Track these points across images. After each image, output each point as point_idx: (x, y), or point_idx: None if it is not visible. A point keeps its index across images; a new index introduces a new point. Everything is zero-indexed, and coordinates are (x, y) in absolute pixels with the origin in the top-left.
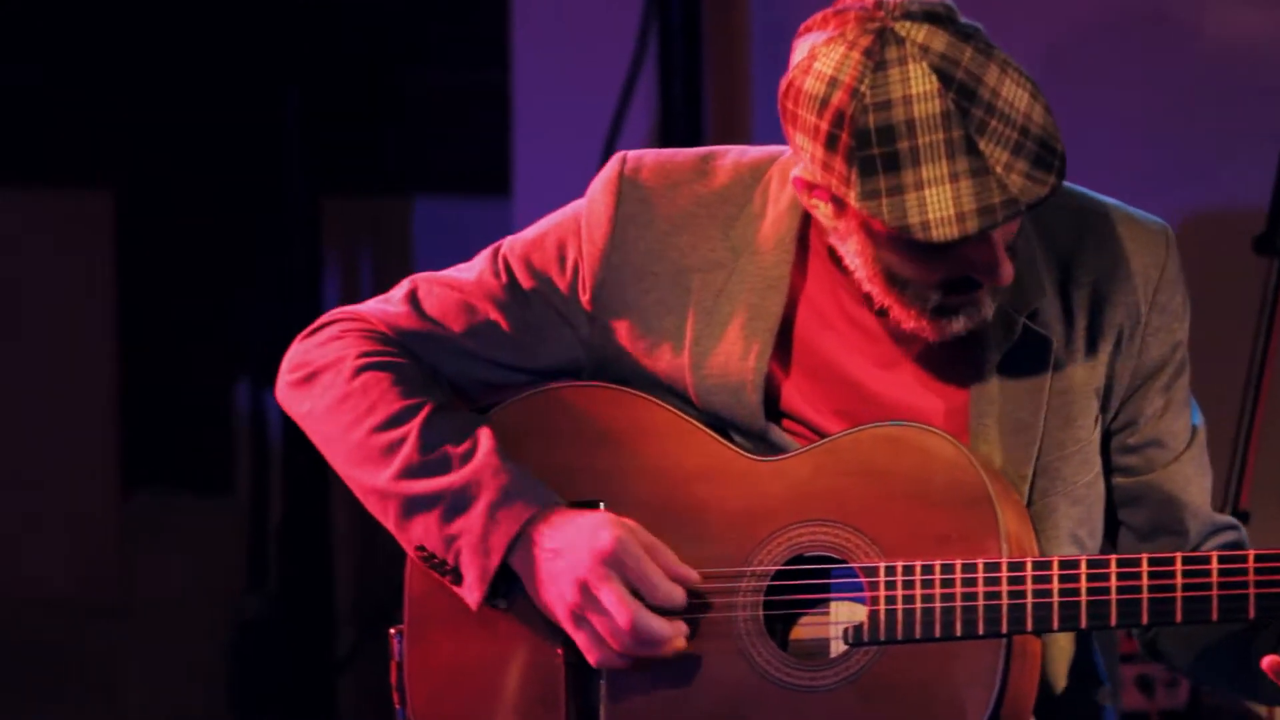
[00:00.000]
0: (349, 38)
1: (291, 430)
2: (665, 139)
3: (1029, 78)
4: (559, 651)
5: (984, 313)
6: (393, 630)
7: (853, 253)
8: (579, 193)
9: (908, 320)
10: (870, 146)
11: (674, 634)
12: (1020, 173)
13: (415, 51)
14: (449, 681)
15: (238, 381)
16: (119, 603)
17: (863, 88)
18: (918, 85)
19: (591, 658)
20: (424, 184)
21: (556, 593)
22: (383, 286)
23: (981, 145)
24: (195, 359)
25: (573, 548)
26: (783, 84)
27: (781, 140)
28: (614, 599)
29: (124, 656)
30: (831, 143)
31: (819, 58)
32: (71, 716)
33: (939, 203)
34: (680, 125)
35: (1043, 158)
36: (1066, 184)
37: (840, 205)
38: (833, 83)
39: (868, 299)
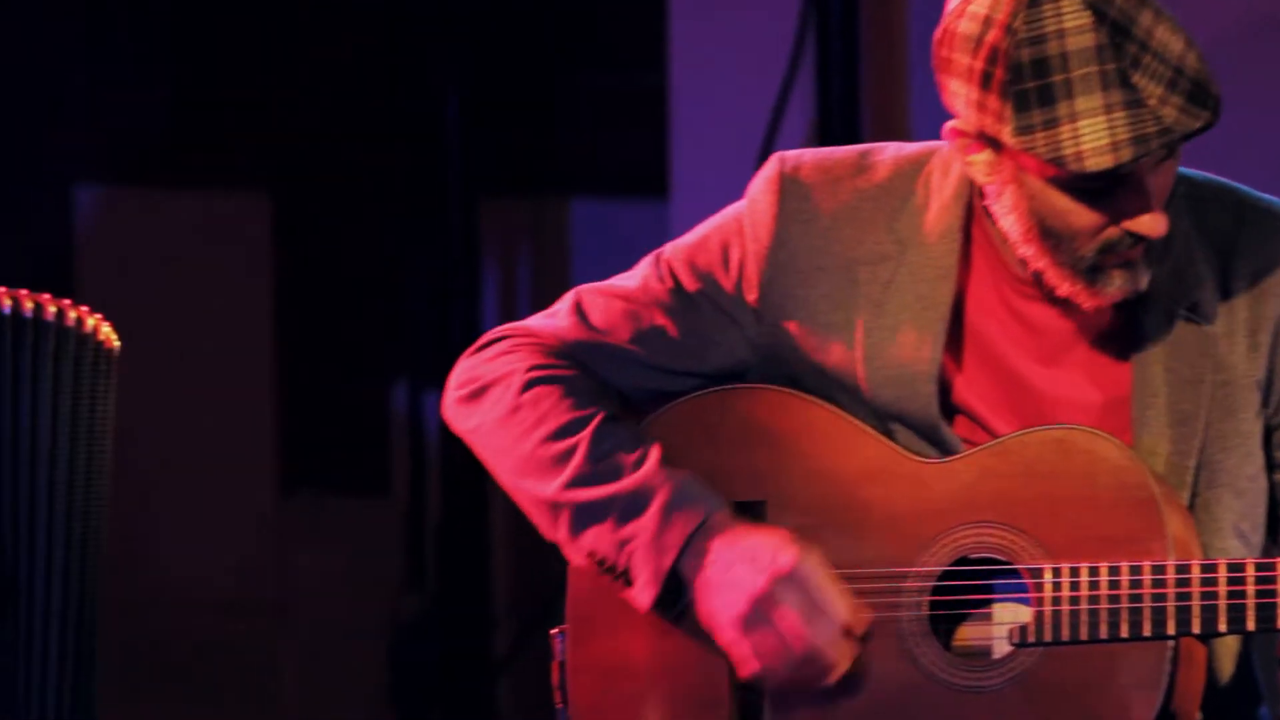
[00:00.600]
0: (508, 40)
1: (449, 430)
2: (823, 139)
3: (1183, 29)
4: (723, 651)
5: (1139, 278)
6: (554, 630)
7: (1007, 209)
8: (736, 194)
9: (1062, 284)
10: (1024, 80)
11: (841, 661)
12: (1174, 106)
13: (574, 54)
14: (610, 681)
15: (396, 382)
16: (277, 603)
17: (1016, 24)
18: (1071, 20)
19: (744, 670)
20: (582, 186)
21: (722, 601)
22: (540, 288)
23: (1135, 79)
24: (353, 360)
25: (749, 560)
26: (937, 33)
27: (939, 139)
28: (791, 620)
29: (281, 656)
30: (986, 81)
31: (973, 1)
32: (229, 715)
33: (1093, 133)
34: (837, 125)
35: (1197, 95)
36: (1224, 181)
37: (996, 149)
38: (987, 22)
39: (1030, 284)
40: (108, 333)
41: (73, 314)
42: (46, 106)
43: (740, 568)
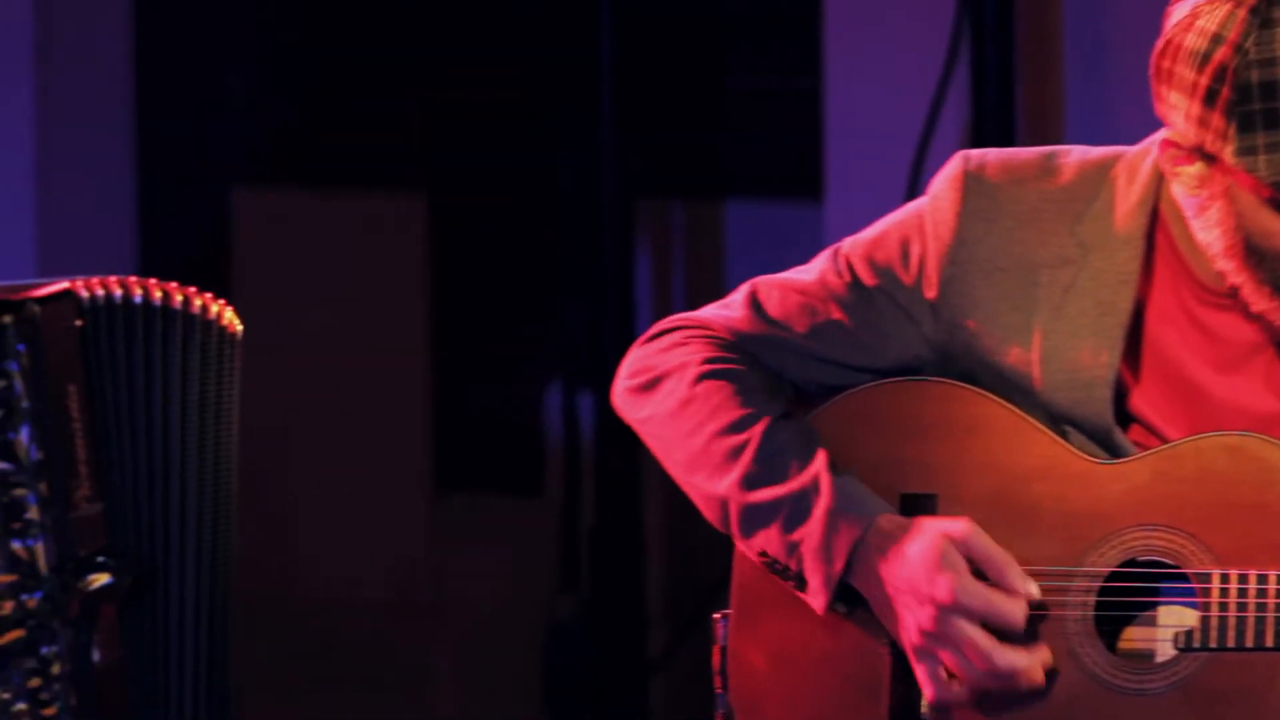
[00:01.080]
0: (664, 41)
1: (603, 432)
2: (976, 142)
3: None
4: (884, 640)
5: None
6: (717, 615)
7: (1212, 223)
8: (891, 196)
9: (1258, 300)
10: (1251, 102)
11: (1033, 663)
12: None
13: (729, 55)
14: (771, 666)
15: (550, 383)
16: (431, 604)
17: (1247, 44)
18: None
19: (930, 692)
20: (737, 187)
21: (898, 625)
22: (695, 290)
23: None
24: (508, 360)
25: (910, 592)
26: (1159, 43)
27: (1094, 140)
28: (967, 643)
29: (436, 657)
30: (1210, 98)
31: (1202, 15)
32: (383, 715)
33: None
34: (991, 129)
35: None
36: None
37: (1210, 164)
38: (1216, 39)
39: (1213, 291)
40: (230, 318)
41: (197, 301)
42: (205, 106)
43: (903, 598)
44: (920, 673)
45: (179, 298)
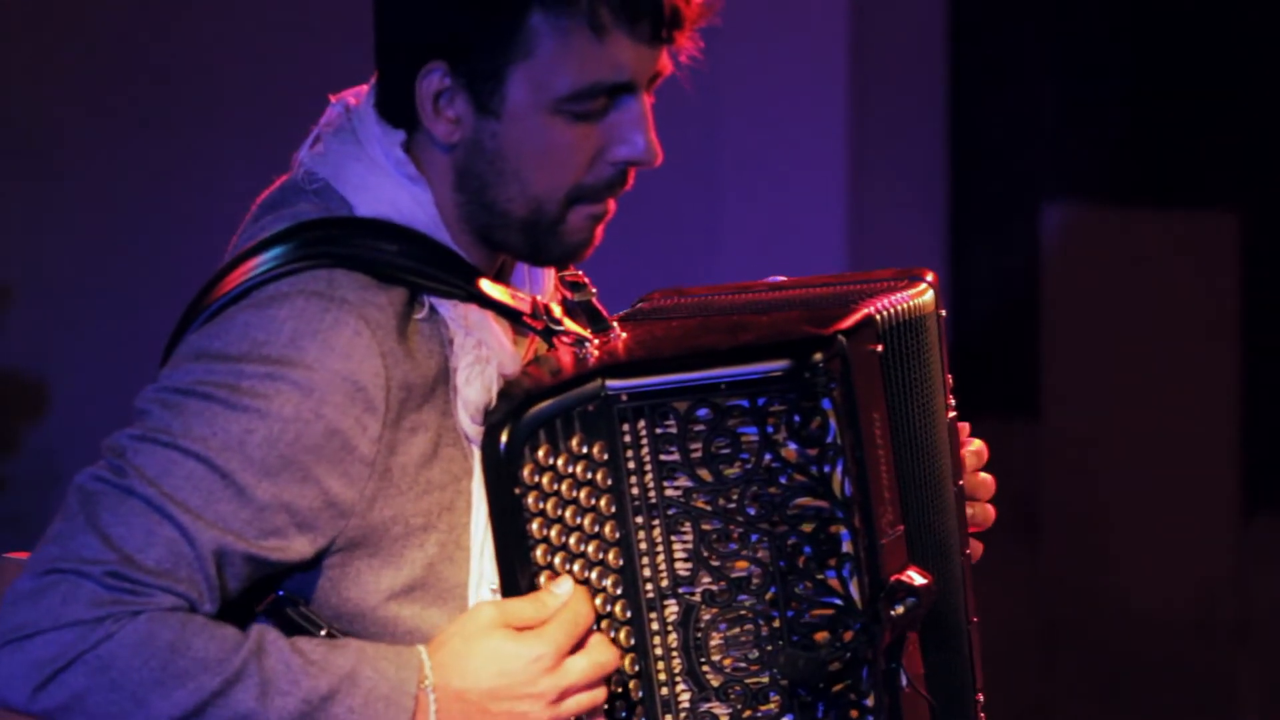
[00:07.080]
0: None
1: None
2: None
3: None
4: None
5: None
6: None
7: None
8: None
9: None
10: None
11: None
12: None
13: None
14: None
15: None
16: (1238, 625)
17: None
18: None
19: None
20: None
21: None
22: None
23: None
24: None
25: None
26: None
27: None
28: None
29: (1243, 678)
30: None
31: None
32: None
33: None
34: None
35: None
36: None
37: None
38: None
39: None
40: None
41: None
42: (1017, 124)
43: None
44: None
45: (933, 299)
